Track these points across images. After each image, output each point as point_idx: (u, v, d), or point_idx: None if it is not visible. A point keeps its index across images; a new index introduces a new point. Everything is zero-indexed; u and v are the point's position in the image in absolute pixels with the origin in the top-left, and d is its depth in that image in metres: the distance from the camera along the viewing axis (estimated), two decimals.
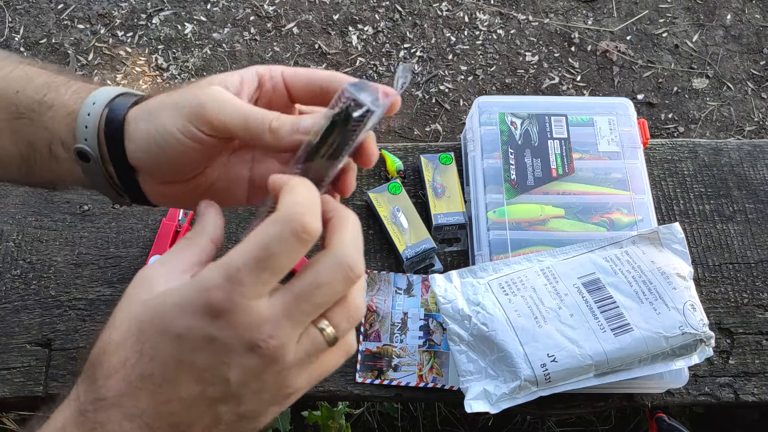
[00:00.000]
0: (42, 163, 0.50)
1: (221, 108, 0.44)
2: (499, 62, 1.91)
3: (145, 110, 0.47)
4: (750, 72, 1.91)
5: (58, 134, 0.49)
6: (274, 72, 0.47)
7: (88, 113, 0.47)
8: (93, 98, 0.47)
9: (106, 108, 0.47)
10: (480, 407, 0.63)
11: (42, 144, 0.49)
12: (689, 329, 0.64)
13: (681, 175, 0.86)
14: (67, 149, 0.49)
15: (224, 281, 0.34)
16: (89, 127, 0.47)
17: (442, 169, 0.83)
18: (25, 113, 0.49)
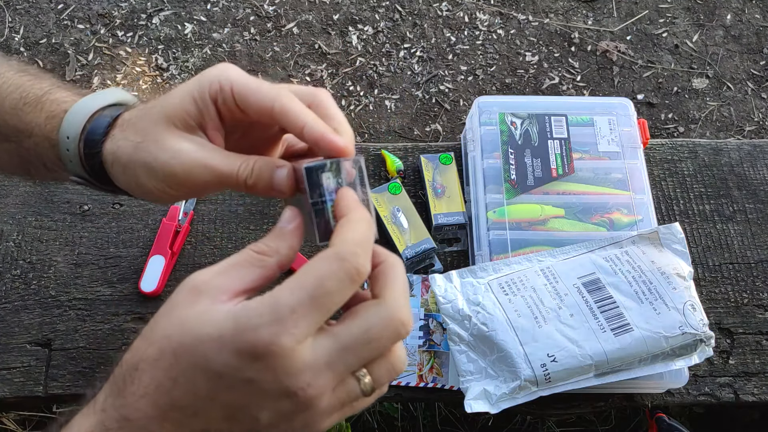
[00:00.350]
0: (41, 173, 0.51)
1: (192, 173, 0.43)
2: (499, 62, 1.91)
3: (119, 165, 0.46)
4: (750, 72, 1.91)
5: (49, 158, 0.49)
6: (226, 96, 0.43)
7: (67, 149, 0.47)
8: (66, 130, 0.47)
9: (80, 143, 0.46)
10: (480, 407, 0.63)
11: (36, 162, 0.50)
12: (689, 329, 0.64)
13: (681, 175, 0.86)
14: (60, 168, 0.49)
15: (273, 322, 0.32)
16: (73, 161, 0.48)
17: (442, 169, 0.83)
18: (9, 136, 0.49)
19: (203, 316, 0.34)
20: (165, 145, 0.43)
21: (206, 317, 0.34)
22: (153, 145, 0.44)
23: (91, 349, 0.74)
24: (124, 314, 0.76)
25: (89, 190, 0.82)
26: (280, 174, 0.43)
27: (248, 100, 0.43)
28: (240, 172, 0.43)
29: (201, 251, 0.79)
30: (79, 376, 0.72)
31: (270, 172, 0.43)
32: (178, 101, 0.44)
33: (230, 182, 0.44)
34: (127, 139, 0.45)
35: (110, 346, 0.74)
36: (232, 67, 0.44)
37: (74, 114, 0.47)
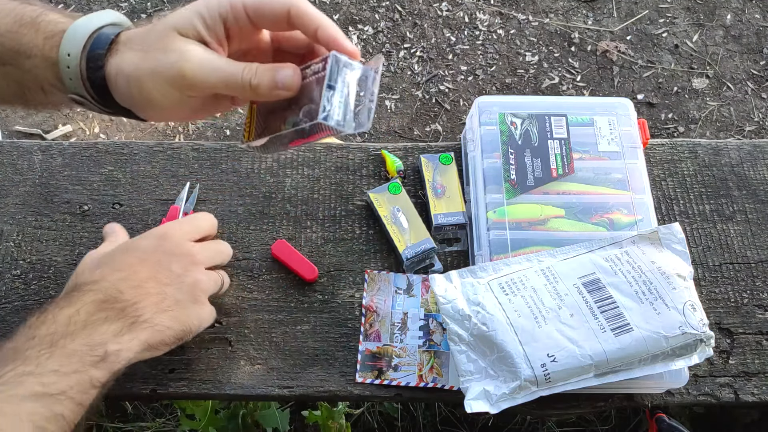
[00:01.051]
0: (38, 97, 0.52)
1: (200, 72, 0.46)
2: (499, 62, 1.91)
3: (123, 77, 0.47)
4: (750, 72, 1.91)
5: (46, 79, 0.50)
6: (237, 11, 0.47)
7: (68, 66, 0.48)
8: (66, 47, 0.48)
9: (82, 59, 0.48)
10: (480, 407, 0.63)
11: (34, 86, 0.51)
12: (689, 329, 0.64)
13: (681, 175, 0.86)
14: (59, 90, 0.50)
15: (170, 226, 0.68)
16: (74, 79, 0.48)
17: (442, 169, 0.83)
18: (8, 60, 0.50)
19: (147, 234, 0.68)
20: (173, 48, 0.46)
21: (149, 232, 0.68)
22: (160, 52, 0.46)
23: None
24: None
25: (89, 190, 0.83)
26: (284, 72, 0.47)
27: (263, 9, 0.47)
28: (244, 74, 0.46)
29: None
30: None
31: (272, 72, 0.47)
32: (186, 15, 0.47)
33: (235, 84, 0.46)
34: (132, 50, 0.47)
35: None
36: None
37: (74, 32, 0.48)
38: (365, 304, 0.76)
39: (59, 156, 0.85)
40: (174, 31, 0.46)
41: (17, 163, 0.84)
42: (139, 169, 0.84)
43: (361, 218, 0.82)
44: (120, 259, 0.61)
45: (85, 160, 0.85)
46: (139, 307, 0.57)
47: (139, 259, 0.61)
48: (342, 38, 0.47)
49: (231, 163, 0.85)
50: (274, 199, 0.83)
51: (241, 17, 0.47)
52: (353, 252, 0.80)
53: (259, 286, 0.77)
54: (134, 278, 0.58)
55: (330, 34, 0.47)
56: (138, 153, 0.86)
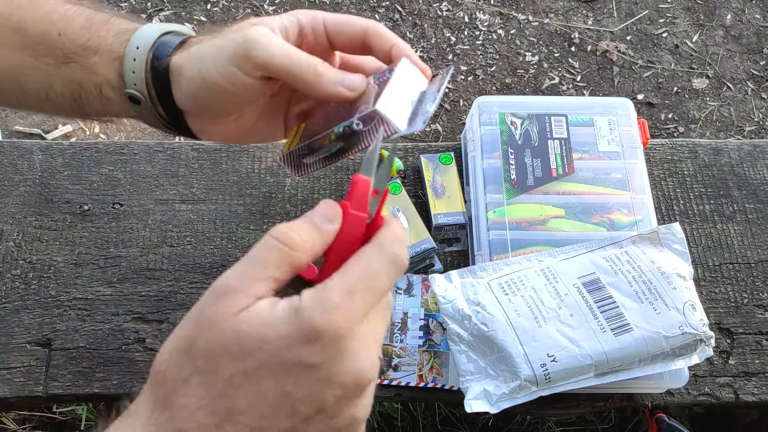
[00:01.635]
0: (93, 101, 0.52)
1: (266, 49, 0.45)
2: (499, 62, 1.91)
3: (188, 56, 0.48)
4: (750, 72, 1.91)
5: (106, 78, 0.50)
6: (316, 23, 0.49)
7: (134, 58, 0.48)
8: (136, 41, 0.48)
9: (150, 52, 0.48)
10: (480, 407, 0.63)
11: (92, 86, 0.51)
12: (689, 329, 0.64)
13: (681, 175, 0.86)
14: (116, 91, 0.50)
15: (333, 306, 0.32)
16: (136, 72, 0.48)
17: (442, 169, 0.83)
18: (72, 58, 0.50)
19: (257, 313, 0.33)
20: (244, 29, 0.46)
21: (262, 315, 0.33)
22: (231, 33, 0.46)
23: (91, 349, 0.74)
24: (124, 314, 0.76)
25: (89, 190, 0.83)
26: (356, 76, 0.47)
27: (342, 26, 0.49)
28: (311, 58, 0.46)
29: (201, 251, 0.79)
30: (79, 376, 0.73)
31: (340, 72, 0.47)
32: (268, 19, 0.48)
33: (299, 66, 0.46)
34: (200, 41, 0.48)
35: (110, 346, 0.74)
36: (315, 10, 0.50)
37: (145, 30, 0.49)
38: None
39: (59, 156, 0.85)
40: (249, 22, 0.47)
41: (17, 163, 0.84)
42: (139, 169, 0.84)
43: None
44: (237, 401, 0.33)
45: (85, 160, 0.85)
46: None
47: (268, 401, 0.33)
48: (415, 56, 0.48)
49: (231, 163, 0.85)
50: (274, 199, 0.83)
51: (318, 29, 0.48)
52: None
53: None
54: None
55: (405, 52, 0.48)
56: (138, 153, 0.86)
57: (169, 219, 0.81)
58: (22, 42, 0.50)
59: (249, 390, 0.32)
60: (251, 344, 0.32)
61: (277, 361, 0.32)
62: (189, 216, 0.82)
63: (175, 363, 0.33)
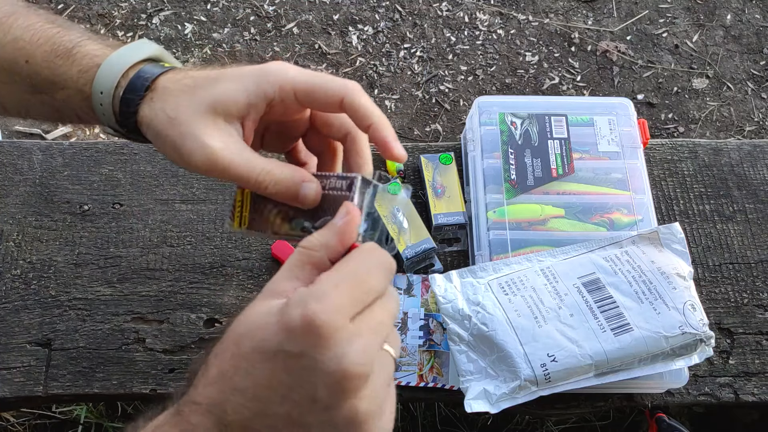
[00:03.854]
0: (72, 120, 0.52)
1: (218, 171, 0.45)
2: (499, 62, 1.91)
3: (152, 131, 0.47)
4: (750, 72, 1.91)
5: (82, 110, 0.50)
6: (286, 95, 0.46)
7: (101, 103, 0.48)
8: (99, 85, 0.48)
9: (115, 100, 0.47)
10: (480, 407, 0.63)
11: (69, 113, 0.51)
12: (689, 329, 0.64)
13: (681, 175, 0.86)
14: (93, 120, 0.50)
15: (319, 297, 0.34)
16: (107, 115, 0.48)
17: (442, 169, 0.83)
18: (43, 89, 0.50)
19: (260, 308, 0.37)
20: (197, 134, 0.45)
21: (263, 308, 0.37)
22: (185, 128, 0.45)
23: (91, 349, 0.74)
24: (124, 314, 0.76)
25: (89, 190, 0.83)
26: (309, 187, 0.46)
27: (315, 95, 0.45)
28: (261, 177, 0.45)
29: (201, 251, 0.79)
30: (79, 376, 0.73)
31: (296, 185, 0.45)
32: (229, 91, 0.45)
33: (248, 183, 0.46)
34: (163, 111, 0.46)
35: (110, 346, 0.74)
36: (290, 67, 0.46)
37: (107, 69, 0.48)
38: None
39: (59, 156, 0.85)
40: (209, 109, 0.45)
41: (17, 163, 0.84)
42: (139, 169, 0.84)
43: None
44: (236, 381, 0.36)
45: (85, 160, 0.85)
46: None
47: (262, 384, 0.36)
48: (393, 142, 0.46)
49: None
50: None
51: (288, 99, 0.46)
52: None
53: (259, 286, 0.77)
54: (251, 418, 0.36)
55: (382, 136, 0.46)
56: (138, 153, 0.86)
57: (169, 219, 0.81)
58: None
59: (245, 371, 0.36)
60: (247, 331, 0.36)
61: (265, 347, 0.35)
62: (189, 216, 0.82)
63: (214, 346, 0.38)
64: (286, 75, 0.45)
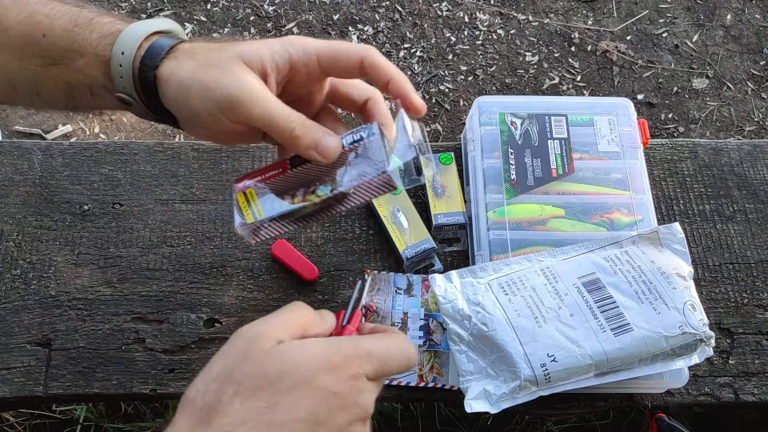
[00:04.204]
0: (85, 99, 0.52)
1: (249, 105, 0.46)
2: (499, 62, 1.91)
3: (176, 80, 0.47)
4: (750, 72, 1.91)
5: (96, 80, 0.50)
6: (309, 59, 0.48)
7: (120, 64, 0.48)
8: (121, 46, 0.48)
9: (136, 59, 0.48)
10: (480, 407, 0.63)
11: (82, 87, 0.51)
12: (689, 329, 0.64)
13: (681, 175, 0.86)
14: (107, 91, 0.50)
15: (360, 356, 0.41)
16: (124, 77, 0.49)
17: (442, 169, 0.83)
18: (59, 60, 0.50)
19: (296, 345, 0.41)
20: (231, 70, 0.46)
21: (300, 346, 0.41)
22: (218, 70, 0.46)
23: (91, 349, 0.74)
24: (124, 314, 0.76)
25: (89, 190, 0.83)
26: (330, 140, 0.47)
27: (337, 59, 0.48)
28: (290, 120, 0.46)
29: (201, 251, 0.79)
30: (79, 376, 0.73)
31: (319, 134, 0.47)
32: (256, 48, 0.47)
33: (277, 127, 0.46)
34: (192, 59, 0.47)
35: (110, 346, 0.74)
36: (309, 38, 0.49)
37: (130, 32, 0.49)
38: (365, 304, 0.76)
39: (59, 156, 0.85)
40: (239, 58, 0.47)
41: (17, 163, 0.84)
42: (139, 169, 0.84)
43: (361, 218, 0.82)
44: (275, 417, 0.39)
45: (85, 160, 0.85)
46: None
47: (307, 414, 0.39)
48: (412, 93, 0.49)
49: (231, 163, 0.85)
50: None
51: (311, 64, 0.48)
52: (353, 252, 0.80)
53: (259, 286, 0.77)
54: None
55: (401, 88, 0.48)
56: (138, 153, 0.86)
57: (169, 219, 0.81)
58: (7, 43, 0.50)
59: (285, 406, 0.39)
60: (288, 368, 0.39)
61: (311, 381, 0.39)
62: (189, 216, 0.82)
63: (212, 389, 0.39)
64: (308, 41, 0.48)
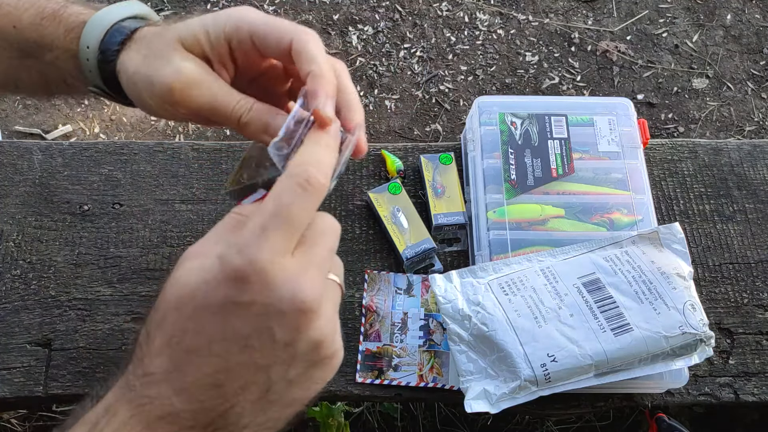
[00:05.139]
0: (61, 89, 0.53)
1: (191, 96, 0.44)
2: (499, 62, 1.91)
3: (125, 75, 0.47)
4: (750, 72, 1.91)
5: (68, 71, 0.50)
6: (243, 38, 0.45)
7: (87, 58, 0.48)
8: (86, 39, 0.48)
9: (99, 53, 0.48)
10: (480, 407, 0.63)
11: (56, 78, 0.51)
12: (689, 329, 0.64)
13: (681, 175, 0.86)
14: (80, 82, 0.50)
15: (248, 244, 0.34)
16: (92, 71, 0.49)
17: (442, 169, 0.83)
18: (31, 52, 0.50)
19: (192, 268, 0.36)
20: (170, 60, 0.44)
21: (194, 267, 0.36)
22: (158, 60, 0.45)
23: (91, 349, 0.74)
24: (124, 314, 0.76)
25: (89, 190, 0.83)
26: (280, 120, 0.43)
27: (267, 38, 0.44)
28: (236, 107, 0.44)
29: None
30: (79, 376, 0.72)
31: (268, 117, 0.44)
32: (192, 28, 0.45)
33: (223, 114, 0.45)
34: (138, 51, 0.46)
35: (110, 346, 0.74)
36: (252, 10, 0.45)
37: (93, 24, 0.48)
38: (365, 304, 0.76)
39: (59, 156, 0.85)
40: (179, 42, 0.45)
41: (17, 163, 0.84)
42: (139, 169, 0.84)
43: (361, 218, 0.82)
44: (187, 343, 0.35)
45: (85, 160, 0.85)
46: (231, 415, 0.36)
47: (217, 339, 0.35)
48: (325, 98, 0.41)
49: (231, 163, 0.85)
50: None
51: (245, 42, 0.45)
52: (353, 252, 0.80)
53: None
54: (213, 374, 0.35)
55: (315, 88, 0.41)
56: (138, 153, 0.86)
57: (169, 219, 0.81)
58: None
59: (194, 331, 0.35)
60: (185, 292, 0.35)
61: (211, 302, 0.34)
62: (189, 216, 0.82)
63: (149, 318, 0.37)
64: (246, 16, 0.44)
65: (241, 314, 0.34)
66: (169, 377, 0.35)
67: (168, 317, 0.35)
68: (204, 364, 0.35)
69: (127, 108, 1.82)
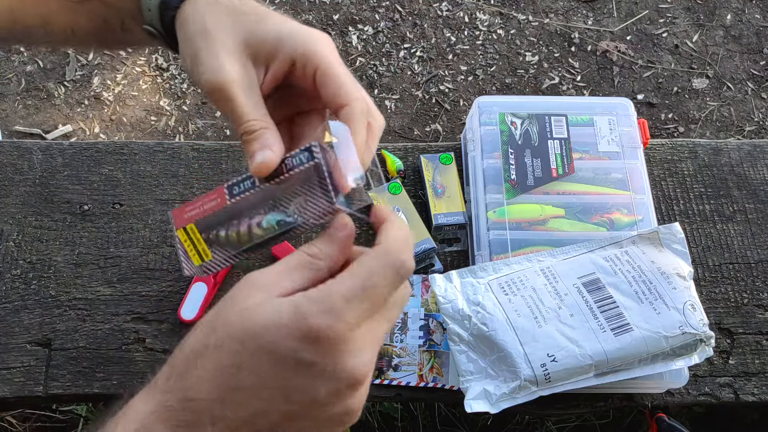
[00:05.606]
0: (116, 34, 0.53)
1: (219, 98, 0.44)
2: (499, 62, 1.91)
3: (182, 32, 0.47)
4: (750, 72, 1.91)
5: (128, 11, 0.51)
6: (307, 70, 0.45)
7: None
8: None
9: None
10: (480, 407, 0.63)
11: (115, 20, 0.52)
12: (689, 329, 0.64)
13: (681, 175, 0.86)
14: (137, 23, 0.51)
15: (329, 309, 0.35)
16: (152, 10, 0.49)
17: (442, 169, 0.83)
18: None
19: (265, 305, 0.36)
20: (218, 56, 0.44)
21: (268, 306, 0.36)
22: (212, 44, 0.45)
23: (91, 349, 0.74)
24: (124, 314, 0.76)
25: (89, 190, 0.83)
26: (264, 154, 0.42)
27: (326, 86, 0.44)
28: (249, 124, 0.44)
29: None
30: (79, 376, 0.73)
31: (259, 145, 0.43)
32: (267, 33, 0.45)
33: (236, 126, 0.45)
34: (203, 18, 0.46)
35: (110, 346, 0.74)
36: (329, 45, 0.45)
37: None
38: None
39: (59, 156, 0.85)
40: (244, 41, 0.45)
41: (17, 163, 0.84)
42: (139, 169, 0.84)
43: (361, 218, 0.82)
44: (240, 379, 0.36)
45: (85, 160, 0.85)
46: None
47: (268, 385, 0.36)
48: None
49: (231, 163, 0.85)
50: None
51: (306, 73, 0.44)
52: None
53: None
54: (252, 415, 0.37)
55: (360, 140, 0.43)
56: (138, 153, 0.86)
57: (169, 219, 0.81)
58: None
59: (251, 371, 0.35)
60: (254, 328, 0.35)
61: (278, 349, 0.35)
62: None
63: (201, 332, 0.37)
64: (321, 52, 0.44)
65: (300, 370, 0.35)
66: (212, 406, 0.36)
67: (227, 345, 0.36)
68: (248, 404, 0.36)
69: (127, 108, 1.83)
